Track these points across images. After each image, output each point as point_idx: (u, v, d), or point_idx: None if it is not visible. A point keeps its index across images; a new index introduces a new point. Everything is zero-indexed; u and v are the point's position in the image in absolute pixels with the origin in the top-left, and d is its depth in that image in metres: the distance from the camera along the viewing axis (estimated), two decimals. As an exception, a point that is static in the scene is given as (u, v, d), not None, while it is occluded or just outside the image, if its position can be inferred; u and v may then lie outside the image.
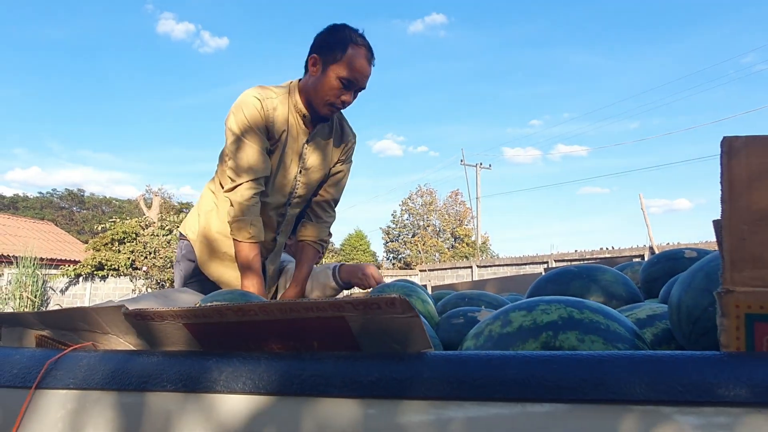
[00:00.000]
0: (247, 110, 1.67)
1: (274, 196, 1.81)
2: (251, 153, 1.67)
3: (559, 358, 0.52)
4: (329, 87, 1.66)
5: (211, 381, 0.59)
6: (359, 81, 1.68)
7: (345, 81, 1.65)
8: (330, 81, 1.65)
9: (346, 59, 1.64)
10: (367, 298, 0.57)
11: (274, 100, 1.71)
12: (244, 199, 1.67)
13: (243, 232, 1.68)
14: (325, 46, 1.68)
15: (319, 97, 1.69)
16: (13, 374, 0.67)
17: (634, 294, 1.09)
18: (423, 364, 0.55)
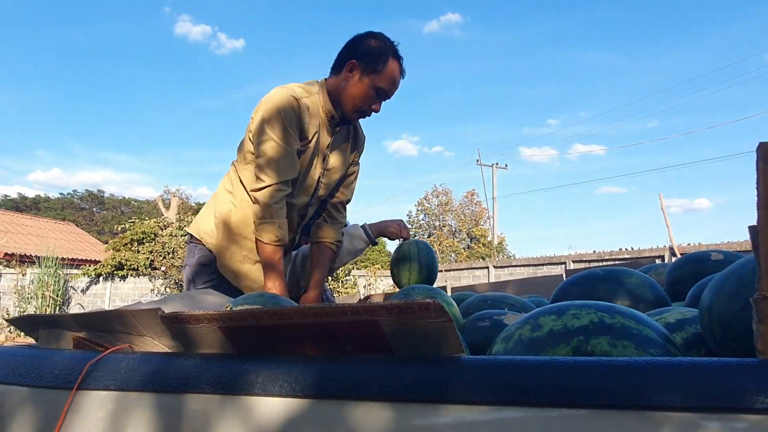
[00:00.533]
0: (284, 109, 1.63)
1: (299, 197, 1.79)
2: (283, 154, 1.64)
3: (596, 365, 0.52)
4: (365, 95, 1.69)
5: (248, 384, 0.60)
6: (391, 93, 1.73)
7: (381, 92, 1.70)
8: (367, 90, 1.68)
9: (386, 71, 1.68)
10: (402, 303, 0.58)
11: (307, 99, 1.69)
12: (272, 201, 1.64)
13: (269, 234, 1.65)
14: (367, 54, 1.69)
15: (351, 103, 1.70)
16: (54, 375, 0.69)
17: (661, 297, 1.08)
18: (459, 368, 0.55)
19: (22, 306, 12.18)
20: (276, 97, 1.65)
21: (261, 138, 1.65)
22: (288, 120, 1.63)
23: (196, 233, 1.87)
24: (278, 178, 1.64)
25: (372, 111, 1.74)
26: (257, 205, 1.66)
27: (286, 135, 1.64)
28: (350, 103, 1.71)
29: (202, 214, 1.91)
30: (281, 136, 1.63)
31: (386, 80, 1.69)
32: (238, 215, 1.79)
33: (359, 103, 1.70)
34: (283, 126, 1.63)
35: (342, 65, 1.72)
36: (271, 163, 1.63)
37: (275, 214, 1.65)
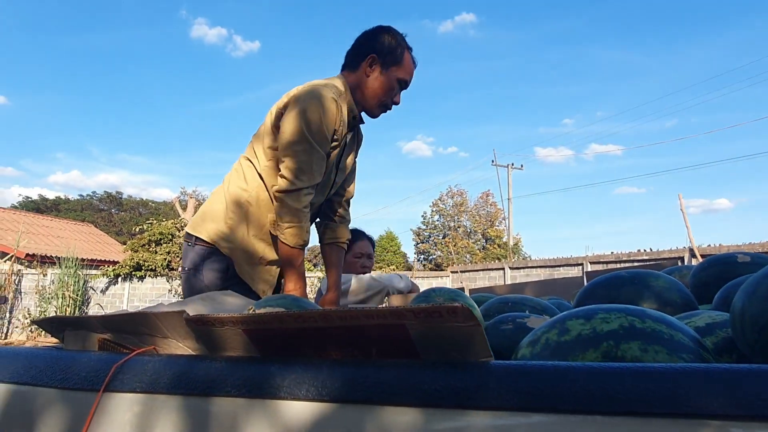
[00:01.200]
0: (326, 113, 1.59)
1: (318, 196, 1.75)
2: (318, 158, 1.61)
3: (630, 371, 0.51)
4: (389, 88, 1.69)
5: (274, 387, 0.60)
6: (410, 81, 1.74)
7: (402, 83, 1.71)
8: (391, 82, 1.68)
9: (405, 62, 1.69)
10: (429, 307, 0.57)
11: (343, 100, 1.67)
12: (302, 205, 1.60)
13: (297, 237, 1.61)
14: (386, 47, 1.69)
15: (376, 98, 1.70)
16: (81, 377, 0.70)
17: (689, 301, 1.06)
18: (488, 373, 0.54)
19: (43, 306, 12.39)
20: (315, 100, 1.59)
21: (297, 138, 1.58)
22: (327, 123, 1.60)
23: (207, 237, 1.72)
24: (309, 182, 1.60)
25: (393, 104, 1.74)
26: (283, 207, 1.60)
27: (323, 140, 1.60)
28: (374, 98, 1.70)
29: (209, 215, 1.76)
30: (319, 141, 1.59)
31: (406, 71, 1.70)
32: (255, 215, 1.71)
33: (384, 97, 1.70)
34: (321, 131, 1.59)
35: (359, 61, 1.70)
36: (306, 167, 1.59)
37: (304, 218, 1.62)
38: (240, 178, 1.74)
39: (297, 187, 1.58)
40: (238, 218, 1.71)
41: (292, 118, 1.59)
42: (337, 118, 1.63)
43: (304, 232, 1.64)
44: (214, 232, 1.72)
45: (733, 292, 1.10)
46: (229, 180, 1.78)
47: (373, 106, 1.72)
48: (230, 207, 1.73)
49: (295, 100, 1.62)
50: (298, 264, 1.65)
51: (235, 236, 1.71)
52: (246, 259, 1.73)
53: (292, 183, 1.58)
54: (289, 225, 1.60)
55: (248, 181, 1.72)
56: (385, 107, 1.74)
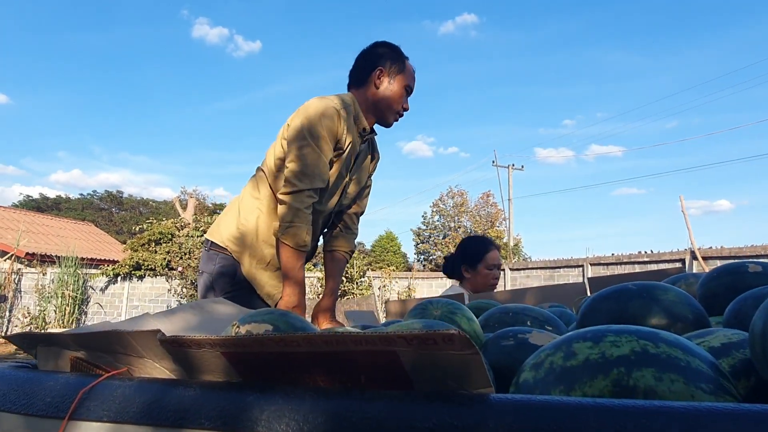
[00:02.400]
0: (324, 119, 1.67)
1: (327, 204, 1.82)
2: (319, 162, 1.67)
3: (647, 410, 0.45)
4: (399, 96, 1.81)
5: (251, 420, 0.54)
6: (413, 87, 1.86)
7: (409, 89, 1.84)
8: (400, 90, 1.81)
9: (407, 69, 1.82)
10: (423, 333, 0.52)
11: (344, 111, 1.73)
12: (304, 206, 1.65)
13: (297, 238, 1.65)
14: (390, 59, 1.82)
15: (389, 108, 1.81)
16: (46, 403, 0.64)
17: (700, 316, 1.00)
18: (487, 409, 0.49)
19: (42, 305, 12.35)
20: (317, 106, 1.69)
21: (298, 143, 1.67)
22: (327, 129, 1.67)
23: (220, 240, 1.84)
24: (311, 184, 1.66)
25: (405, 110, 1.85)
26: (285, 208, 1.66)
27: (324, 144, 1.67)
28: (389, 108, 1.81)
29: (224, 221, 1.89)
30: (319, 144, 1.67)
31: (411, 77, 1.83)
32: (266, 222, 1.80)
33: (396, 106, 1.81)
34: (321, 134, 1.66)
35: (365, 77, 1.82)
36: (307, 169, 1.65)
37: (304, 218, 1.66)
38: (254, 188, 1.86)
39: (298, 188, 1.64)
40: (249, 224, 1.81)
41: (295, 125, 1.70)
42: (340, 125, 1.70)
43: (304, 233, 1.66)
44: (225, 236, 1.83)
45: (745, 306, 1.05)
46: (245, 190, 1.91)
47: (389, 115, 1.83)
48: (242, 214, 1.83)
49: (298, 110, 1.73)
50: (297, 269, 1.67)
51: (244, 241, 1.81)
52: (254, 264, 1.81)
53: (293, 184, 1.65)
54: (289, 225, 1.64)
55: (260, 190, 1.83)
56: (398, 114, 1.84)
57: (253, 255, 1.81)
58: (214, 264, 1.84)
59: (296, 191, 1.64)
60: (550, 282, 11.48)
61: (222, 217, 1.94)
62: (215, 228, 1.91)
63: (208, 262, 1.86)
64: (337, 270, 1.99)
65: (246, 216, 1.82)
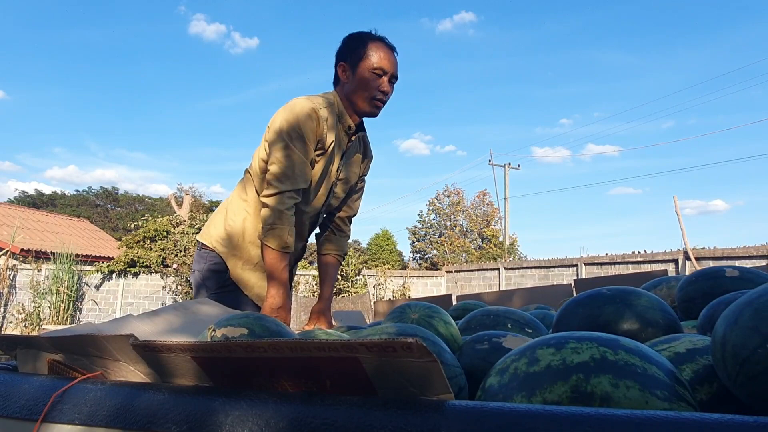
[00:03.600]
0: (303, 119, 1.66)
1: (313, 205, 1.82)
2: (299, 163, 1.66)
3: (592, 417, 0.47)
4: (365, 82, 1.72)
5: (216, 424, 0.56)
6: (389, 67, 1.73)
7: (377, 70, 1.72)
8: (364, 76, 1.72)
9: (370, 52, 1.73)
10: (382, 341, 0.53)
11: (325, 110, 1.71)
12: (285, 207, 1.65)
13: (279, 240, 1.65)
14: (348, 50, 1.76)
15: (361, 98, 1.74)
16: (20, 405, 0.66)
17: (671, 321, 1.02)
18: (443, 416, 0.50)
19: (37, 301, 12.32)
20: (296, 107, 1.68)
21: (278, 145, 1.67)
22: (306, 130, 1.66)
23: (209, 242, 1.87)
24: (292, 186, 1.65)
25: (383, 92, 1.74)
26: (267, 210, 1.66)
27: (303, 144, 1.67)
28: (361, 98, 1.74)
29: (213, 222, 1.91)
30: (298, 145, 1.66)
31: (375, 58, 1.72)
32: (252, 223, 1.81)
33: (366, 93, 1.73)
34: (300, 135, 1.66)
35: (336, 74, 1.80)
36: (287, 171, 1.65)
37: (286, 220, 1.65)
38: (241, 190, 1.87)
39: (279, 190, 1.64)
40: (236, 226, 1.82)
41: (274, 127, 1.69)
42: (319, 125, 1.68)
43: (286, 234, 1.65)
44: (214, 238, 1.86)
45: (718, 311, 1.07)
46: (233, 192, 1.92)
47: (364, 105, 1.76)
48: (230, 215, 1.85)
49: (277, 112, 1.72)
50: (281, 270, 1.66)
51: (231, 242, 1.82)
52: (240, 265, 1.83)
53: (274, 186, 1.65)
54: (271, 226, 1.64)
55: (247, 192, 1.84)
56: (374, 100, 1.75)
57: (241, 256, 1.82)
58: (204, 263, 1.87)
59: (277, 193, 1.64)
60: (545, 281, 11.52)
61: (212, 218, 1.96)
62: (205, 229, 1.93)
63: (200, 261, 1.89)
64: (330, 273, 2.00)
65: (233, 218, 1.84)
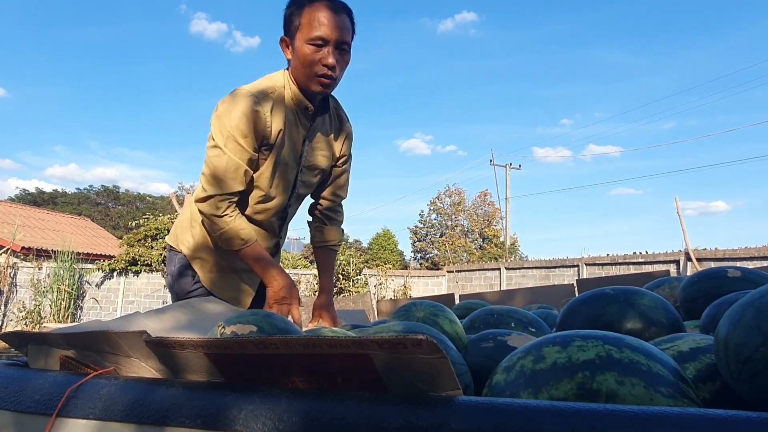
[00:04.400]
0: (237, 118, 1.48)
1: (276, 200, 1.67)
2: (231, 166, 1.50)
3: (599, 413, 0.48)
4: (304, 57, 1.49)
5: (230, 419, 0.57)
6: (330, 34, 1.47)
7: (316, 41, 1.47)
8: (302, 51, 1.49)
9: (305, 21, 1.49)
10: (393, 338, 0.54)
11: (270, 98, 1.53)
12: (219, 212, 1.52)
13: (232, 242, 1.54)
14: (286, 22, 1.56)
15: (303, 75, 1.52)
16: (35, 400, 0.67)
17: (674, 320, 1.03)
18: (452, 411, 0.51)
19: (38, 299, 12.34)
20: (233, 102, 1.51)
21: (210, 145, 1.53)
22: (239, 127, 1.49)
23: (175, 243, 1.77)
24: (221, 190, 1.51)
25: (328, 66, 1.48)
26: (204, 216, 1.56)
27: (236, 145, 1.50)
28: (304, 76, 1.52)
29: (179, 222, 1.81)
30: (231, 146, 1.50)
31: (310, 27, 1.47)
32: None
33: (307, 69, 1.50)
34: (232, 136, 1.49)
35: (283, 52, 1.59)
36: (216, 174, 1.50)
37: (225, 223, 1.53)
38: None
39: (208, 195, 1.52)
40: (198, 226, 1.71)
41: (211, 125, 1.55)
42: (259, 121, 1.50)
43: (237, 230, 1.53)
44: (180, 239, 1.77)
45: (721, 310, 1.08)
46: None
47: (309, 84, 1.53)
48: (194, 215, 1.72)
49: (219, 103, 1.56)
50: (261, 258, 1.56)
51: (198, 244, 1.72)
52: (209, 267, 1.73)
53: (204, 190, 1.53)
54: (219, 232, 1.55)
55: None
56: (321, 77, 1.51)
57: (208, 258, 1.72)
58: (174, 266, 1.77)
59: (206, 198, 1.52)
60: (546, 281, 11.53)
61: (179, 218, 1.84)
62: (173, 230, 1.83)
63: (169, 264, 1.79)
64: (327, 264, 1.87)
65: (195, 218, 1.71)
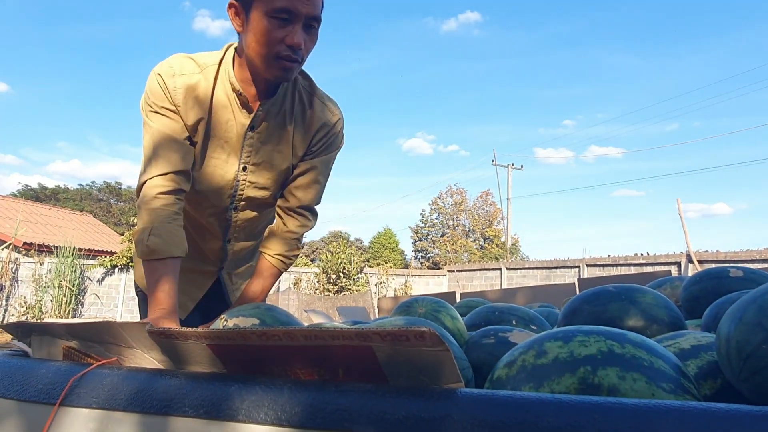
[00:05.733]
0: (150, 88, 1.28)
1: (210, 199, 1.40)
2: (159, 139, 1.26)
3: (601, 406, 0.48)
4: (263, 33, 1.16)
5: (232, 409, 0.57)
6: (300, 6, 1.15)
7: (280, 14, 1.15)
8: (261, 24, 1.16)
9: None
10: (396, 330, 0.55)
11: (187, 77, 1.27)
12: (147, 199, 1.24)
13: (139, 245, 1.22)
14: None
15: (259, 56, 1.20)
16: (38, 389, 0.67)
17: (676, 318, 1.03)
18: (454, 403, 0.52)
19: (39, 295, 12.38)
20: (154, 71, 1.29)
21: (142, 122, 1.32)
22: (156, 99, 1.27)
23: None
24: (155, 171, 1.25)
25: (292, 48, 1.17)
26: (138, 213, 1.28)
27: (159, 117, 1.27)
28: (260, 56, 1.20)
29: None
30: (154, 119, 1.27)
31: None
32: None
33: (265, 49, 1.18)
34: (151, 106, 1.27)
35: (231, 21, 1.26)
36: (147, 153, 1.27)
37: (147, 217, 1.23)
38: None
39: (143, 180, 1.27)
40: None
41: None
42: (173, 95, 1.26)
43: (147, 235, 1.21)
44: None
45: (723, 309, 1.08)
46: None
47: (263, 66, 1.21)
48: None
49: None
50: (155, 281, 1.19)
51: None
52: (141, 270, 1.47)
53: (140, 177, 1.29)
54: (137, 227, 1.25)
55: None
56: (280, 59, 1.19)
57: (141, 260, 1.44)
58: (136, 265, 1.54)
59: (141, 183, 1.27)
60: (547, 282, 11.53)
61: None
62: None
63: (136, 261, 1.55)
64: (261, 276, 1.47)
65: None
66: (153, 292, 1.17)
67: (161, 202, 1.23)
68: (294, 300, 11.00)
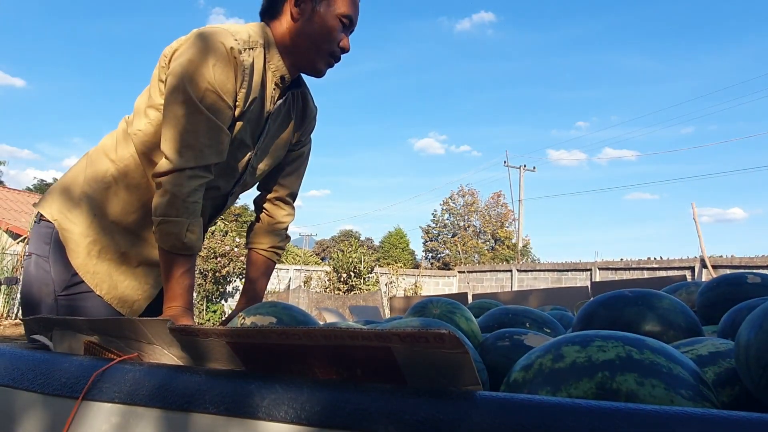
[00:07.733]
0: (218, 64, 1.15)
1: (218, 183, 1.30)
2: (210, 128, 1.15)
3: (621, 412, 0.48)
4: (328, 30, 1.23)
5: (252, 406, 0.58)
6: (355, 18, 1.28)
7: (346, 19, 1.25)
8: (329, 22, 1.23)
9: None
10: (415, 331, 0.55)
11: (249, 53, 1.20)
12: (185, 192, 1.14)
13: (172, 239, 1.14)
14: None
15: (315, 49, 1.25)
16: (62, 383, 0.68)
17: (693, 324, 1.02)
18: (473, 406, 0.52)
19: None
20: (208, 42, 1.16)
21: (178, 99, 1.14)
22: (220, 81, 1.15)
23: (50, 214, 1.28)
24: (197, 161, 1.15)
25: (343, 49, 1.28)
26: (158, 195, 1.16)
27: (214, 101, 1.16)
28: (314, 50, 1.25)
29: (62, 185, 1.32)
30: (208, 102, 1.15)
31: (346, 2, 1.25)
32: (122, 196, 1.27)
33: (325, 44, 1.24)
34: (212, 87, 1.15)
35: (280, 4, 1.26)
36: (189, 139, 1.14)
37: (185, 211, 1.14)
38: (111, 143, 1.30)
39: (178, 167, 1.14)
40: (96, 195, 1.27)
41: (174, 73, 1.16)
42: (237, 74, 1.17)
43: (184, 230, 1.14)
44: (59, 209, 1.28)
45: (740, 316, 1.07)
46: (98, 146, 1.34)
47: (315, 59, 1.26)
48: (88, 179, 1.29)
49: (184, 40, 1.20)
50: (177, 277, 1.15)
51: (84, 216, 1.27)
52: (97, 251, 1.27)
53: (171, 161, 1.14)
54: (163, 219, 1.14)
55: (118, 149, 1.28)
56: (332, 57, 1.27)
57: (98, 240, 1.26)
58: (47, 245, 1.27)
59: (175, 170, 1.13)
60: (558, 285, 11.47)
61: (63, 178, 1.34)
62: (49, 193, 1.34)
63: (37, 242, 1.29)
64: (259, 272, 1.47)
65: (93, 184, 1.28)
66: (172, 286, 1.15)
67: (198, 196, 1.18)
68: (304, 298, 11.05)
